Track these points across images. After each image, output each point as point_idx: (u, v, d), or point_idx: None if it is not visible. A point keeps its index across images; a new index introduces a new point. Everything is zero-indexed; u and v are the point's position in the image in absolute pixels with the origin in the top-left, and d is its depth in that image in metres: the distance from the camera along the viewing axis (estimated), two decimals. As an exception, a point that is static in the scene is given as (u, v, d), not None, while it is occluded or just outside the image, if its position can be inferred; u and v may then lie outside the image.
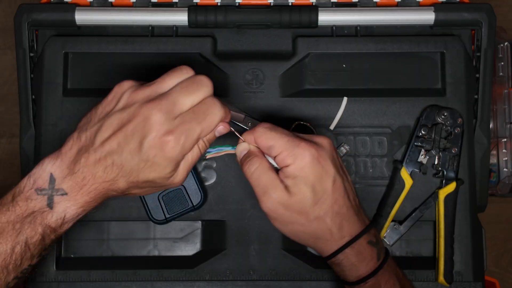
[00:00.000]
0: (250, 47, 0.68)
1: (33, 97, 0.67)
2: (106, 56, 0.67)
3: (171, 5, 0.69)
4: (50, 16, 0.67)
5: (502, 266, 1.10)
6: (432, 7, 0.67)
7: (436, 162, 0.64)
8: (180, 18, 0.67)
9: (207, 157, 0.58)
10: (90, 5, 0.69)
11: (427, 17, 0.67)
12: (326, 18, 0.67)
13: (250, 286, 0.64)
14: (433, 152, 0.64)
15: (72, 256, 0.65)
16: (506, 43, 0.78)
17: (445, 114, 0.64)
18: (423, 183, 0.65)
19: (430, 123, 0.65)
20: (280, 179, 0.52)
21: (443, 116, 0.64)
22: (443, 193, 0.64)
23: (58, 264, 0.64)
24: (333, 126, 0.66)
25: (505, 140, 0.76)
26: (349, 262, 0.54)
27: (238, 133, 0.55)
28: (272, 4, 0.68)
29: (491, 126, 0.71)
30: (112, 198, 0.52)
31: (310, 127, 0.64)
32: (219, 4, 0.68)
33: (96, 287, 0.64)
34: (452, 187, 0.63)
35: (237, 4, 0.68)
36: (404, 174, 0.64)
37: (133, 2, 0.69)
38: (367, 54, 0.67)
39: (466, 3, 0.68)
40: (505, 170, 0.75)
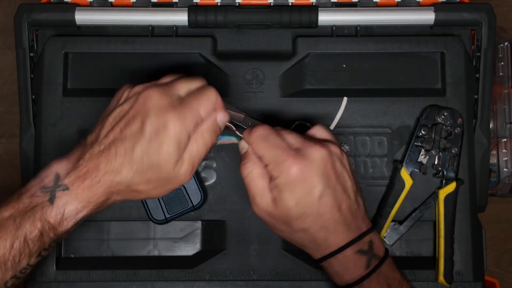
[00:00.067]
0: (250, 47, 0.68)
1: (33, 97, 0.67)
2: (106, 56, 0.67)
3: (171, 5, 0.69)
4: (50, 16, 0.67)
5: (502, 266, 1.10)
6: (432, 7, 0.67)
7: (436, 162, 0.64)
8: (180, 18, 0.67)
9: (217, 143, 0.58)
10: (90, 5, 0.69)
11: (427, 17, 0.67)
12: (326, 18, 0.67)
13: (250, 286, 0.64)
14: (433, 152, 0.64)
15: (72, 256, 0.65)
16: (506, 43, 0.79)
17: (445, 114, 0.64)
18: (423, 183, 0.65)
19: (430, 123, 0.65)
20: (269, 188, 0.53)
21: (443, 116, 0.64)
22: (443, 193, 0.64)
23: (58, 264, 0.64)
24: (333, 126, 0.66)
25: (505, 140, 0.76)
26: (333, 270, 0.55)
27: (238, 131, 0.56)
28: (272, 4, 0.68)
29: (491, 126, 0.71)
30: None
31: (310, 127, 0.64)
32: (219, 4, 0.68)
33: (96, 287, 0.64)
34: (452, 187, 0.63)
35: (237, 4, 0.68)
36: (404, 174, 0.64)
37: (133, 2, 0.69)
38: (367, 54, 0.67)
39: (466, 3, 0.68)
40: (505, 170, 0.75)
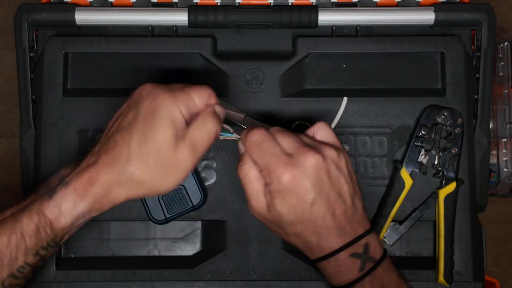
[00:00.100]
0: (250, 47, 0.68)
1: (33, 97, 0.67)
2: (106, 56, 0.67)
3: (171, 5, 0.69)
4: (50, 16, 0.67)
5: (502, 266, 1.09)
6: (432, 7, 0.67)
7: (436, 162, 0.64)
8: (180, 18, 0.67)
9: (220, 138, 0.58)
10: (90, 5, 0.69)
11: (427, 17, 0.67)
12: (326, 18, 0.67)
13: (250, 286, 0.64)
14: (433, 152, 0.64)
15: (72, 256, 0.65)
16: (506, 43, 0.78)
17: (445, 114, 0.64)
18: (423, 183, 0.65)
19: (430, 123, 0.65)
20: (264, 192, 0.53)
21: (443, 116, 0.64)
22: (443, 193, 0.64)
23: (58, 264, 0.64)
24: (333, 126, 0.66)
25: (505, 140, 0.76)
26: (326, 272, 0.55)
27: (238, 131, 0.56)
28: (272, 4, 0.68)
29: (491, 126, 0.71)
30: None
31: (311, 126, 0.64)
32: (219, 4, 0.68)
33: (96, 287, 0.64)
34: (452, 187, 0.63)
35: (237, 4, 0.68)
36: (404, 174, 0.64)
37: (133, 2, 0.69)
38: (367, 54, 0.67)
39: (466, 3, 0.68)
40: (505, 170, 0.75)
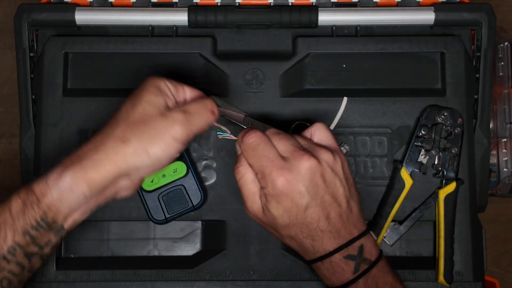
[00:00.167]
0: (250, 47, 0.68)
1: (33, 97, 0.67)
2: (106, 56, 0.67)
3: (171, 5, 0.69)
4: (50, 16, 0.67)
5: (502, 266, 1.09)
6: (432, 7, 0.67)
7: (436, 162, 0.64)
8: (180, 18, 0.67)
9: (219, 137, 0.59)
10: (90, 5, 0.69)
11: (427, 17, 0.67)
12: (326, 18, 0.67)
13: (250, 286, 0.64)
14: (433, 152, 0.64)
15: (72, 256, 0.65)
16: (506, 43, 0.78)
17: (445, 114, 0.64)
18: (423, 183, 0.65)
19: (430, 123, 0.65)
20: (260, 194, 0.54)
21: (443, 116, 0.64)
22: (443, 193, 0.64)
23: (58, 264, 0.64)
24: (333, 126, 0.66)
25: (505, 140, 0.76)
26: (320, 273, 0.55)
27: (233, 135, 0.57)
28: (272, 4, 0.68)
29: (491, 126, 0.71)
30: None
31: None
32: (219, 4, 0.68)
33: (96, 287, 0.64)
34: (452, 187, 0.63)
35: (237, 4, 0.68)
36: (404, 174, 0.64)
37: (133, 2, 0.69)
38: (367, 54, 0.67)
39: (466, 3, 0.68)
40: (505, 170, 0.75)
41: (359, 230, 0.55)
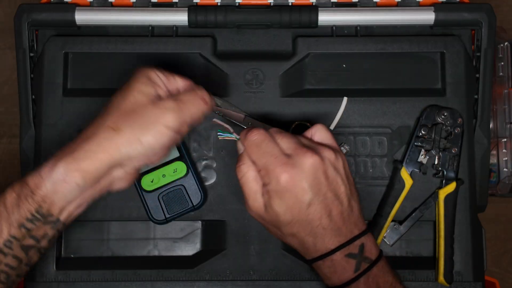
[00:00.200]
0: (250, 47, 0.68)
1: (33, 97, 0.67)
2: (106, 56, 0.67)
3: (171, 5, 0.69)
4: (50, 16, 0.67)
5: (502, 266, 1.09)
6: (432, 7, 0.67)
7: (436, 162, 0.64)
8: (180, 18, 0.67)
9: (219, 138, 0.59)
10: (90, 5, 0.69)
11: (427, 17, 0.67)
12: (326, 18, 0.67)
13: (250, 286, 0.64)
14: (433, 152, 0.64)
15: (72, 256, 0.65)
16: (506, 43, 0.78)
17: (445, 114, 0.64)
18: (423, 183, 0.65)
19: (430, 123, 0.65)
20: (262, 192, 0.53)
21: (443, 116, 0.64)
22: (443, 193, 0.64)
23: (58, 264, 0.64)
24: (333, 126, 0.66)
25: (505, 140, 0.76)
26: (321, 272, 0.55)
27: (238, 131, 0.56)
28: (272, 4, 0.68)
29: (491, 126, 0.71)
30: (110, 196, 0.52)
31: (310, 127, 0.64)
32: (219, 4, 0.68)
33: (96, 287, 0.64)
34: (452, 187, 0.63)
35: (237, 4, 0.68)
36: (404, 174, 0.64)
37: (133, 2, 0.69)
38: (367, 54, 0.67)
39: (466, 3, 0.68)
40: (505, 170, 0.75)
41: (359, 229, 0.55)
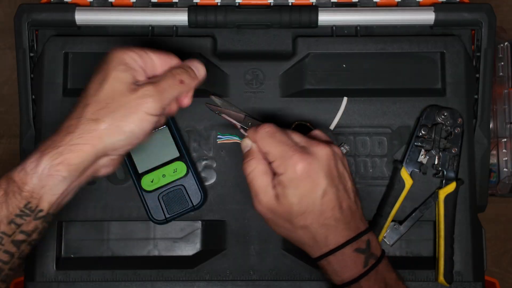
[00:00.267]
0: (250, 47, 0.68)
1: (33, 97, 0.67)
2: (106, 56, 0.67)
3: (171, 5, 0.69)
4: (50, 16, 0.67)
5: (502, 266, 1.09)
6: (432, 7, 0.67)
7: (436, 162, 0.64)
8: (180, 18, 0.67)
9: (218, 142, 0.60)
10: (90, 5, 0.69)
11: (427, 17, 0.67)
12: (326, 18, 0.67)
13: (250, 286, 0.64)
14: (433, 152, 0.64)
15: (72, 256, 0.65)
16: (506, 43, 0.78)
17: (445, 114, 0.64)
18: (423, 183, 0.65)
19: (430, 123, 0.65)
20: (273, 184, 0.53)
21: (443, 116, 0.64)
22: (443, 193, 0.64)
23: (58, 264, 0.64)
24: (333, 126, 0.66)
25: (505, 140, 0.76)
26: (331, 268, 0.55)
27: (243, 129, 0.57)
28: (272, 4, 0.68)
29: (491, 126, 0.71)
30: (110, 196, 0.52)
31: (310, 127, 0.64)
32: (219, 4, 0.68)
33: (96, 287, 0.64)
34: (452, 187, 0.63)
35: (237, 4, 0.68)
36: (404, 174, 0.64)
37: (133, 2, 0.69)
38: (367, 54, 0.67)
39: (466, 3, 0.68)
40: (505, 170, 0.75)
41: (364, 225, 0.56)
